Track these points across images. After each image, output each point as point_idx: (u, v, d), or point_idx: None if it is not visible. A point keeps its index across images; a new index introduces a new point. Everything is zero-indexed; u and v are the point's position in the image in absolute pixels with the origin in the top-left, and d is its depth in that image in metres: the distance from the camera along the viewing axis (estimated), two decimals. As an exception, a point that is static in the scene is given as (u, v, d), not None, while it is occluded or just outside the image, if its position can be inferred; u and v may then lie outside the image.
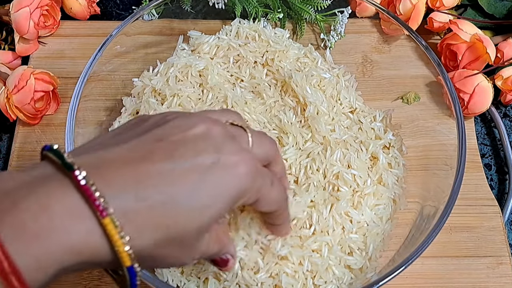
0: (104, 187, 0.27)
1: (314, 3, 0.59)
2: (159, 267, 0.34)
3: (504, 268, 0.51)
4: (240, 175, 0.31)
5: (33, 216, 0.26)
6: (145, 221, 0.28)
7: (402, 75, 0.58)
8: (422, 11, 0.60)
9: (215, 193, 0.30)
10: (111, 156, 0.29)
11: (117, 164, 0.29)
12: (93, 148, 0.31)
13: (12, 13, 0.58)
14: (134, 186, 0.28)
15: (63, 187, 0.27)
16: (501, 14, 0.63)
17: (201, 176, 0.30)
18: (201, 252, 0.33)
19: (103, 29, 0.63)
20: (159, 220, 0.29)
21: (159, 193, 0.28)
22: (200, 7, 0.60)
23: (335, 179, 0.47)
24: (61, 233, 0.26)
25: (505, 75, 0.58)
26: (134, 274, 0.29)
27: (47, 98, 0.57)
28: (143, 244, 0.29)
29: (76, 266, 0.28)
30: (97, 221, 0.27)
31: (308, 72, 0.52)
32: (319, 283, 0.44)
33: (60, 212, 0.26)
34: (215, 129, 0.32)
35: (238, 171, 0.31)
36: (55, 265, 0.26)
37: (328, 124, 0.50)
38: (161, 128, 0.32)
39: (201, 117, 0.33)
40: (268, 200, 0.35)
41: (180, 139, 0.31)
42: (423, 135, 0.54)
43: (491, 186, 0.56)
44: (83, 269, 0.30)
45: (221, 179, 0.30)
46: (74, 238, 0.26)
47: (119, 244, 0.27)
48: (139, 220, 0.28)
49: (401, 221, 0.49)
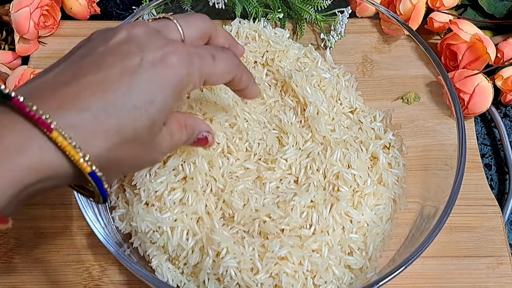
0: (45, 107, 0.29)
1: (314, 3, 0.59)
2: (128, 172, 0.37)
3: (504, 268, 0.51)
4: (172, 65, 0.33)
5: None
6: (93, 129, 0.30)
7: (402, 75, 0.58)
8: (422, 11, 0.60)
9: (152, 88, 0.32)
10: (44, 81, 0.31)
11: (52, 85, 0.30)
12: (29, 80, 0.32)
13: (12, 13, 0.58)
14: (72, 101, 0.30)
15: (7, 115, 0.28)
16: (501, 14, 0.63)
17: (132, 77, 0.31)
18: (167, 145, 0.35)
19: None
20: (106, 126, 0.30)
21: (98, 101, 0.30)
22: (200, 7, 0.60)
23: (335, 179, 0.47)
24: (15, 154, 0.27)
25: (505, 75, 0.58)
26: (98, 180, 0.30)
27: (47, 98, 0.57)
28: (98, 151, 0.30)
29: (39, 185, 0.29)
30: (46, 137, 0.28)
31: (308, 72, 0.52)
32: (319, 283, 0.44)
33: (10, 136, 0.28)
34: (135, 30, 0.33)
35: (169, 62, 0.32)
36: (15, 184, 0.28)
37: (328, 124, 0.50)
38: (86, 46, 0.33)
39: (122, 25, 0.35)
40: (217, 74, 0.36)
41: (104, 50, 0.32)
42: (423, 135, 0.54)
43: (491, 186, 0.56)
44: (48, 189, 0.31)
45: (154, 74, 0.32)
46: (30, 157, 0.28)
47: (73, 153, 0.29)
48: (87, 130, 0.29)
49: (401, 221, 0.49)
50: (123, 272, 0.49)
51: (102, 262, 0.50)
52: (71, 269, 0.50)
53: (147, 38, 0.33)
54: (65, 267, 0.50)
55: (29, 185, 0.28)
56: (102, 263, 0.50)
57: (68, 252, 0.50)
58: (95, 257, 0.50)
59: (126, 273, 0.49)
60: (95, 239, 0.42)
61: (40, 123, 0.28)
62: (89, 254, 0.51)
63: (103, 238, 0.42)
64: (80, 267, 0.50)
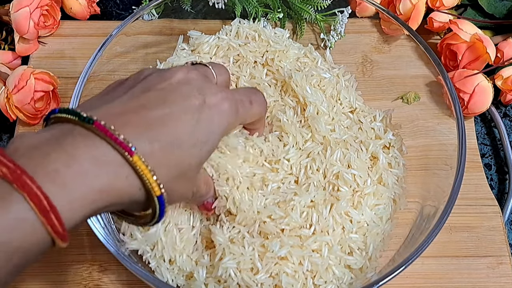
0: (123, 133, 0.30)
1: (314, 3, 0.59)
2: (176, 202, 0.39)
3: (504, 268, 0.51)
4: (225, 111, 0.36)
5: (65, 163, 0.28)
6: (160, 160, 0.31)
7: (402, 75, 0.58)
8: (422, 11, 0.60)
9: (209, 130, 0.34)
10: (114, 109, 0.32)
11: (123, 114, 0.32)
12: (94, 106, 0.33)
13: (12, 13, 0.58)
14: (144, 131, 0.31)
15: (87, 138, 0.30)
16: (501, 14, 0.63)
17: (194, 117, 0.33)
18: (197, 186, 0.39)
19: (103, 29, 0.63)
20: (170, 158, 0.32)
21: (166, 135, 0.32)
22: (200, 7, 0.60)
23: (335, 179, 0.47)
24: (91, 177, 0.29)
25: (505, 75, 0.58)
26: (163, 201, 0.32)
27: (47, 98, 0.57)
28: (162, 181, 0.32)
29: (105, 208, 0.31)
30: (124, 161, 0.30)
31: (308, 72, 0.52)
32: (319, 283, 0.44)
33: (88, 159, 0.29)
34: (192, 74, 0.36)
35: (222, 108, 0.35)
36: (86, 206, 0.29)
37: (328, 124, 0.50)
38: (144, 82, 0.35)
39: (175, 67, 0.37)
40: (251, 117, 0.41)
41: (167, 87, 0.34)
42: (423, 135, 0.54)
43: (491, 186, 0.56)
44: (111, 210, 0.33)
45: (211, 117, 0.34)
46: (103, 181, 0.29)
47: (149, 176, 0.31)
48: (155, 159, 0.31)
49: (401, 221, 0.49)
50: (123, 272, 0.50)
51: (102, 262, 0.50)
52: (71, 269, 0.50)
53: (203, 83, 0.36)
54: (65, 267, 0.50)
55: (98, 209, 0.30)
56: (102, 263, 0.50)
57: (68, 252, 0.50)
58: (95, 257, 0.50)
59: (126, 273, 0.49)
60: (95, 239, 0.42)
61: (123, 146, 0.30)
62: (89, 254, 0.51)
63: (103, 238, 0.42)
64: (80, 267, 0.50)
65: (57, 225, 0.27)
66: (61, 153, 0.29)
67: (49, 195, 0.27)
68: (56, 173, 0.28)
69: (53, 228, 0.27)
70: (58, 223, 0.27)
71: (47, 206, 0.27)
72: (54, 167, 0.28)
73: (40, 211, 0.27)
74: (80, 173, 0.29)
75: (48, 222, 0.27)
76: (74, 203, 0.28)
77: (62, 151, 0.29)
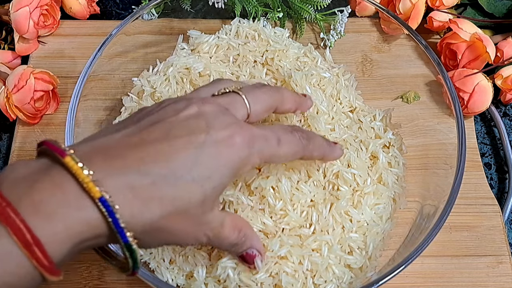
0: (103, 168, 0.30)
1: (313, 2, 0.59)
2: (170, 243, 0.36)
3: (504, 267, 0.51)
4: (234, 145, 0.33)
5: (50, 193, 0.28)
6: (151, 194, 0.30)
7: (402, 74, 0.58)
8: (421, 10, 0.60)
9: (213, 165, 0.32)
10: (109, 141, 0.32)
11: (117, 146, 0.31)
12: (95, 137, 0.33)
13: (12, 12, 0.58)
14: (136, 164, 0.30)
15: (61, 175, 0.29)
16: (500, 13, 0.63)
17: (196, 151, 0.32)
18: (212, 228, 0.35)
19: (102, 29, 0.63)
20: (163, 193, 0.31)
21: (160, 168, 0.31)
22: (199, 6, 0.60)
23: (335, 178, 0.47)
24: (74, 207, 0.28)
25: (504, 74, 0.58)
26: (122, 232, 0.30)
27: (47, 97, 0.57)
28: (150, 216, 0.30)
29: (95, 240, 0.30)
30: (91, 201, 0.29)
31: (308, 71, 0.52)
32: (319, 282, 0.44)
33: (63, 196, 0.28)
34: (206, 107, 0.34)
35: (232, 142, 0.33)
36: (73, 236, 0.28)
37: (328, 123, 0.50)
38: (157, 113, 0.34)
39: (193, 98, 0.36)
40: (281, 157, 0.37)
41: (174, 120, 0.33)
42: (423, 134, 0.54)
43: (491, 185, 0.56)
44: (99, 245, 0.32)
45: (217, 151, 0.33)
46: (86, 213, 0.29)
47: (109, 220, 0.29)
48: (145, 194, 0.30)
49: (401, 220, 0.49)
50: (123, 272, 0.49)
51: (102, 261, 0.50)
52: (71, 268, 0.50)
53: (216, 116, 0.34)
54: (65, 266, 0.49)
55: (85, 239, 0.29)
56: (102, 262, 0.50)
57: (68, 252, 0.50)
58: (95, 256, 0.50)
59: (126, 273, 0.49)
60: (95, 239, 0.42)
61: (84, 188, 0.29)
62: (89, 254, 0.50)
63: (103, 238, 0.42)
64: (80, 266, 0.50)
65: (42, 258, 0.27)
66: (46, 183, 0.28)
67: (32, 227, 0.27)
68: (41, 203, 0.28)
69: (39, 262, 0.27)
70: (43, 256, 0.27)
71: (30, 239, 0.26)
72: (39, 197, 0.28)
73: (23, 244, 0.26)
74: (64, 203, 0.28)
75: (32, 255, 0.27)
76: (60, 234, 0.28)
77: (48, 181, 0.29)
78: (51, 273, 0.28)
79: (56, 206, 0.28)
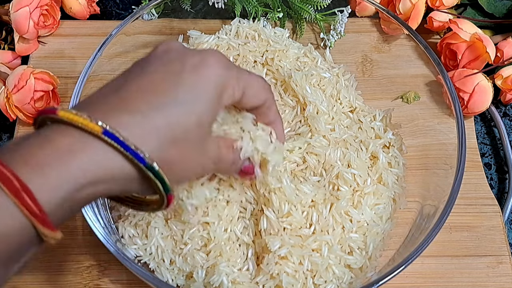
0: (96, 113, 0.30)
1: (313, 3, 0.59)
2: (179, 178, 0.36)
3: (504, 267, 0.51)
4: (211, 65, 0.34)
5: (40, 146, 0.29)
6: (146, 128, 0.31)
7: (402, 74, 0.58)
8: (422, 11, 0.60)
9: (196, 87, 0.33)
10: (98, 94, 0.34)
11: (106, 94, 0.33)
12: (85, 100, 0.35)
13: (12, 12, 0.58)
14: (124, 105, 0.32)
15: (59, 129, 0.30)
16: (500, 13, 0.63)
17: (176, 79, 0.33)
18: (214, 155, 0.36)
19: (102, 29, 0.63)
20: (158, 123, 0.32)
21: (147, 103, 0.32)
22: (199, 6, 0.60)
23: (335, 178, 0.47)
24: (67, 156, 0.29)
25: (504, 74, 0.58)
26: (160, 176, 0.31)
27: (47, 97, 0.56)
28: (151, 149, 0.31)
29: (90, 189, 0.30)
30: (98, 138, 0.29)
31: (308, 71, 0.52)
32: (319, 282, 0.44)
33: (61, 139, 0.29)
34: (173, 44, 0.36)
35: (207, 63, 0.34)
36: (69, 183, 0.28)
37: (328, 123, 0.50)
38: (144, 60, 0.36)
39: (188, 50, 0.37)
40: (253, 87, 0.38)
41: (146, 58, 0.35)
42: (423, 134, 0.54)
43: (491, 185, 0.56)
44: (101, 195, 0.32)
45: (196, 74, 0.34)
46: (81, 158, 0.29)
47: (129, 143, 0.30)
48: (140, 129, 0.31)
49: (401, 221, 0.49)
50: (123, 272, 0.49)
51: (102, 262, 0.50)
52: (71, 268, 0.50)
53: (185, 49, 0.36)
54: (65, 266, 0.50)
55: (80, 186, 0.29)
56: (102, 263, 0.50)
57: (68, 252, 0.50)
58: (95, 257, 0.50)
59: (126, 273, 0.49)
60: (95, 239, 0.42)
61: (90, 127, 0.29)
62: (89, 254, 0.51)
63: (103, 238, 0.42)
64: (80, 266, 0.50)
65: (31, 205, 0.27)
66: (38, 137, 0.29)
67: (20, 175, 0.27)
68: (30, 156, 0.28)
69: (29, 209, 0.27)
70: (32, 203, 0.27)
71: (17, 185, 0.26)
72: (29, 151, 0.28)
73: (12, 192, 0.26)
74: (56, 154, 0.28)
75: (21, 202, 0.26)
76: (52, 182, 0.28)
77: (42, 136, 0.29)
78: (44, 224, 0.27)
79: (44, 156, 0.28)
